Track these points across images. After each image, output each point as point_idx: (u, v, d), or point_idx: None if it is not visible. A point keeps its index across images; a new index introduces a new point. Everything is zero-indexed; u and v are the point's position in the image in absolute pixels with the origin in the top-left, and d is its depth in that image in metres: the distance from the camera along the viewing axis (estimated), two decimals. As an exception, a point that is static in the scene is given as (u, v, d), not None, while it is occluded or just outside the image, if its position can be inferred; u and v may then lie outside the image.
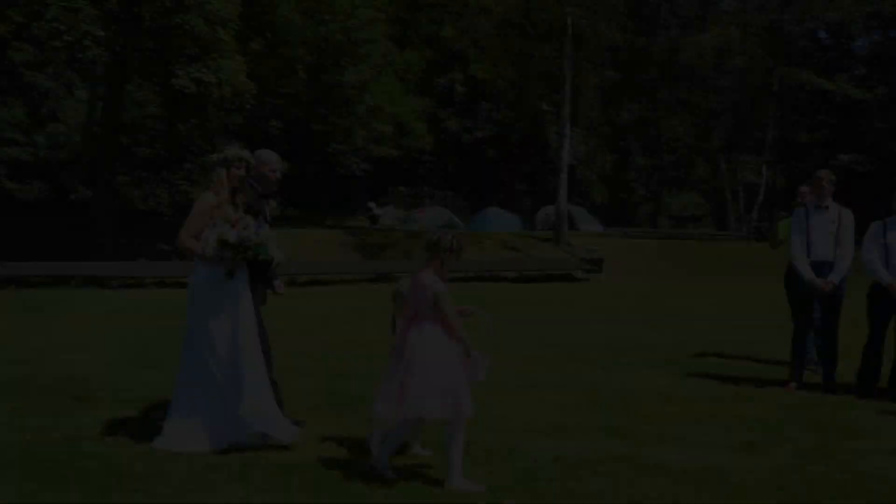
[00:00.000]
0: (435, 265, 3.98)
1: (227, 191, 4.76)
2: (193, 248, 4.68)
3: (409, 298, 4.07)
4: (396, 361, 3.97)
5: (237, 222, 4.63)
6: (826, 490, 3.94)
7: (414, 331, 3.95)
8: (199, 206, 4.74)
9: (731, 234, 32.93)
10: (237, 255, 4.60)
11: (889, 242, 6.37)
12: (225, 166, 4.77)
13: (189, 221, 4.76)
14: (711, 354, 8.41)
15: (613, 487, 3.92)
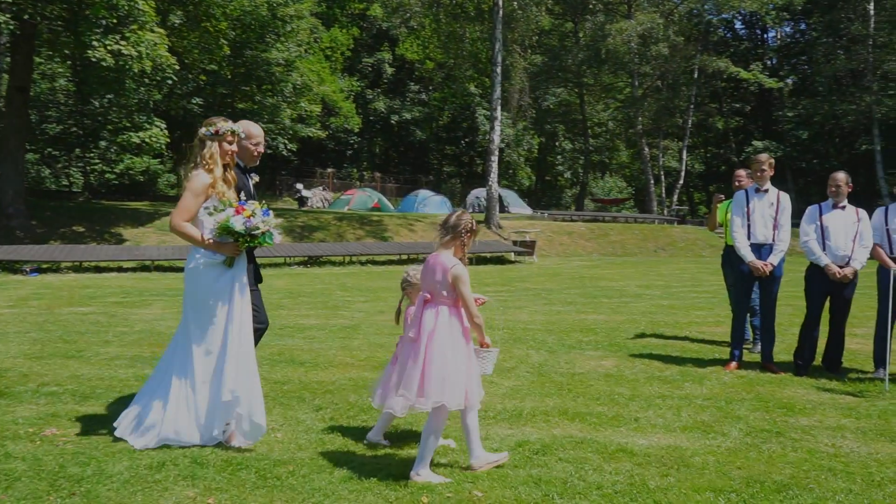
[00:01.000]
0: (456, 247, 3.87)
1: (220, 168, 4.43)
2: (190, 233, 4.31)
3: (423, 280, 3.91)
4: (410, 348, 3.81)
5: (241, 207, 4.29)
6: (783, 469, 4.00)
7: (428, 315, 3.79)
8: (193, 185, 4.36)
9: (654, 218, 33.82)
10: (243, 243, 4.32)
11: (825, 225, 6.56)
12: (217, 140, 4.43)
13: (182, 203, 4.39)
14: (650, 335, 8.55)
15: (580, 473, 3.86)
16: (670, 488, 3.66)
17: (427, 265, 3.93)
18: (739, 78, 39.82)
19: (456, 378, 3.69)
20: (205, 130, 4.44)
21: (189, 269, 4.42)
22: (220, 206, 4.35)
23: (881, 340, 6.57)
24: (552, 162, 50.91)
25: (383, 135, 44.73)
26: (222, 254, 4.33)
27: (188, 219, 4.34)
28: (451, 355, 3.72)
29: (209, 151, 4.39)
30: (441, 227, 3.94)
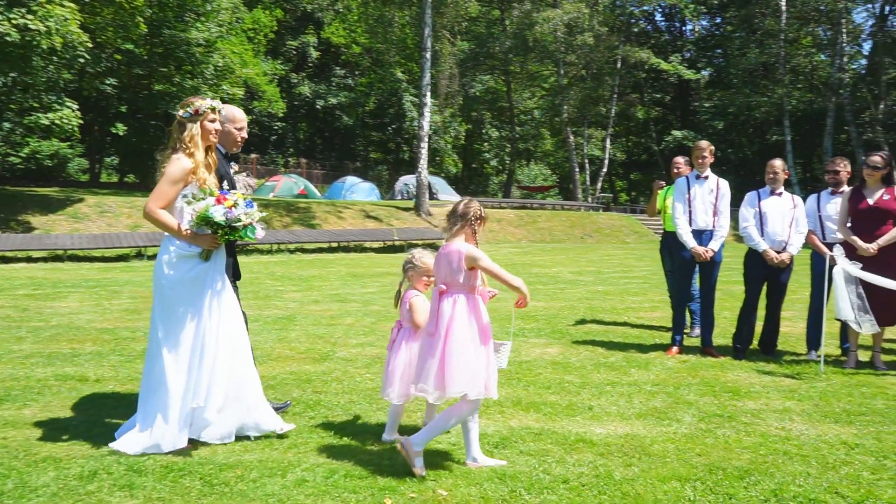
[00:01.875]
0: (466, 234, 3.79)
1: (202, 152, 4.09)
2: (165, 221, 3.98)
3: (437, 272, 3.80)
4: (428, 342, 3.69)
5: (223, 197, 3.95)
6: (741, 454, 4.01)
7: (445, 306, 3.68)
8: (172, 170, 4.02)
9: (579, 205, 34.41)
10: (222, 235, 3.99)
11: (763, 211, 6.69)
12: (197, 121, 4.08)
13: (158, 189, 4.03)
14: (591, 321, 8.58)
15: (543, 466, 3.75)
16: (636, 479, 3.60)
17: (440, 256, 3.81)
18: (660, 69, 40.93)
19: (477, 366, 3.61)
20: (182, 112, 4.11)
21: (161, 261, 4.07)
22: (199, 195, 4.01)
23: (815, 324, 6.76)
24: (479, 149, 51.10)
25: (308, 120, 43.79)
26: (198, 246, 4.01)
27: (164, 206, 3.99)
28: (471, 344, 3.63)
29: (189, 134, 4.04)
30: (449, 217, 3.85)
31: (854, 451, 4.10)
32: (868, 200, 6.35)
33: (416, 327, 4.10)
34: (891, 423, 4.65)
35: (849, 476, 3.69)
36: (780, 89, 35.18)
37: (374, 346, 6.93)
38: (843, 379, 5.85)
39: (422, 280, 4.19)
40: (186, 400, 3.90)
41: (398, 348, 4.15)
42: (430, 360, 3.62)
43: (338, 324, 8.14)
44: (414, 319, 4.12)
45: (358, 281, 12.56)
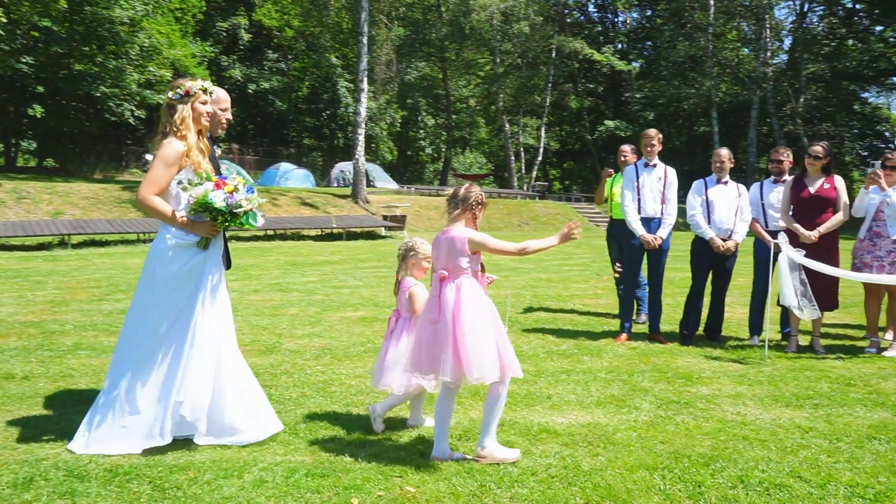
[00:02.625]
0: (466, 219, 3.72)
1: (194, 134, 3.85)
2: (160, 208, 3.75)
3: (436, 258, 3.73)
4: (432, 330, 3.59)
5: (221, 181, 3.70)
6: (703, 441, 4.02)
7: (448, 291, 3.60)
8: (164, 154, 3.76)
9: (516, 193, 34.66)
10: (222, 222, 3.74)
11: (711, 199, 6.78)
12: (188, 102, 3.86)
13: (152, 174, 3.79)
14: (538, 309, 8.58)
15: (509, 458, 3.67)
16: (604, 469, 3.55)
17: (438, 241, 3.73)
18: (593, 60, 41.54)
19: (490, 351, 3.53)
20: (172, 94, 3.88)
21: (155, 250, 3.82)
22: (195, 180, 3.76)
23: (757, 310, 6.93)
24: (414, 137, 50.84)
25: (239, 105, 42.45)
26: (196, 234, 3.79)
27: (158, 192, 3.77)
28: (481, 328, 3.54)
29: (180, 116, 3.82)
30: (450, 202, 3.77)
31: (808, 434, 4.17)
32: (809, 189, 6.52)
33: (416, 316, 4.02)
34: (838, 405, 4.77)
35: (808, 460, 3.74)
36: (708, 82, 36.23)
37: (321, 336, 6.72)
38: (788, 363, 6.00)
39: (421, 267, 4.12)
40: (174, 395, 3.68)
41: (398, 338, 4.03)
42: (441, 350, 3.52)
43: (281, 314, 7.87)
44: (415, 308, 4.02)
45: (298, 269, 12.24)
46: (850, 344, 6.92)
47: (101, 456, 3.57)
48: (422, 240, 4.20)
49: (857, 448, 3.93)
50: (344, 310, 8.22)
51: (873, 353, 6.42)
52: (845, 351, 6.54)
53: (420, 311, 3.96)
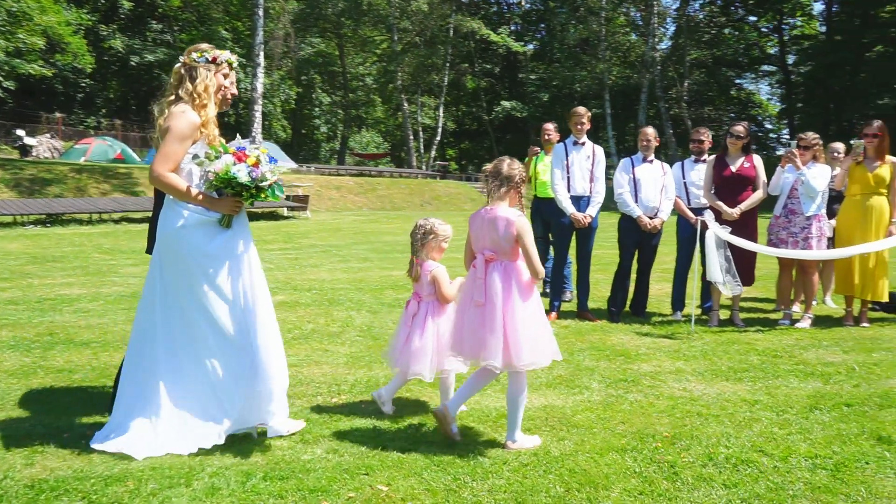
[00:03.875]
0: (511, 199, 3.61)
1: (214, 107, 3.51)
2: (177, 186, 3.39)
3: (481, 237, 3.58)
4: (477, 313, 3.47)
5: (242, 154, 3.35)
6: (660, 419, 4.01)
7: (495, 273, 3.49)
8: (179, 125, 3.37)
9: (417, 173, 34.48)
10: (248, 197, 3.41)
11: (637, 178, 6.85)
12: (212, 70, 3.51)
13: (165, 148, 3.36)
14: (462, 289, 8.45)
15: (469, 446, 3.50)
16: (574, 453, 3.45)
17: (484, 220, 3.57)
18: (489, 40, 41.76)
19: (542, 335, 3.49)
20: (197, 56, 3.49)
21: (174, 230, 3.41)
22: (211, 153, 3.38)
23: (680, 286, 7.09)
24: (309, 115, 49.53)
25: (121, 78, 39.91)
26: (217, 211, 3.45)
27: (173, 168, 3.39)
28: (531, 314, 3.48)
29: (203, 83, 3.45)
30: (493, 178, 3.61)
31: (755, 407, 4.25)
32: (731, 168, 6.69)
33: (444, 300, 3.91)
34: (772, 377, 4.91)
35: (763, 433, 3.80)
36: (601, 65, 37.25)
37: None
38: (714, 337, 6.16)
39: (440, 249, 4.03)
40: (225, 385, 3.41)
41: (423, 324, 3.88)
42: (489, 334, 3.40)
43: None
44: (442, 292, 3.90)
45: (201, 253, 11.54)
46: (764, 317, 7.22)
47: (25, 467, 3.12)
48: (439, 220, 4.07)
49: (804, 419, 4.04)
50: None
51: (787, 325, 6.71)
52: (762, 324, 6.81)
53: (447, 294, 3.89)
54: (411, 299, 4.03)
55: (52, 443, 3.41)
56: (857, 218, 6.70)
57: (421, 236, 4.00)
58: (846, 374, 5.01)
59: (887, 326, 6.71)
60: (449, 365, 3.85)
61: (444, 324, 3.88)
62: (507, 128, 47.19)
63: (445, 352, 3.80)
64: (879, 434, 3.78)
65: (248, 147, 3.44)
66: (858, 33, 35.65)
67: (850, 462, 3.40)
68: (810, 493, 3.07)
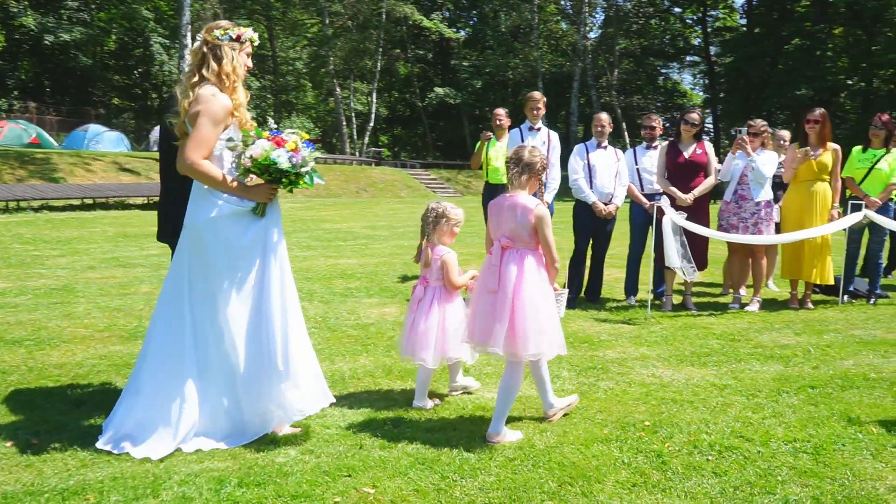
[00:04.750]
0: (531, 186, 3.59)
1: (244, 88, 3.34)
2: (213, 174, 3.18)
3: (499, 224, 3.54)
4: (489, 300, 3.41)
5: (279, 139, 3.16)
6: (637, 406, 3.97)
7: (511, 263, 3.43)
8: (212, 109, 3.15)
9: (351, 159, 33.97)
10: (286, 184, 3.23)
11: (592, 164, 6.82)
12: (237, 49, 3.29)
13: (199, 133, 3.14)
14: (413, 277, 8.29)
15: (458, 443, 3.37)
16: (559, 445, 3.37)
17: (500, 207, 3.56)
18: (422, 26, 41.41)
19: (551, 326, 3.43)
20: (220, 34, 3.26)
21: (207, 221, 3.20)
22: (246, 138, 3.20)
23: (634, 272, 7.13)
24: (237, 99, 48.10)
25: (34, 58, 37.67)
26: (252, 199, 3.26)
27: (206, 155, 3.18)
28: (542, 305, 3.41)
29: (230, 63, 3.24)
30: (514, 166, 3.57)
31: (725, 391, 4.27)
32: (684, 154, 6.74)
33: (451, 286, 3.84)
34: (734, 361, 4.97)
35: (739, 418, 3.81)
36: (535, 52, 37.50)
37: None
38: (671, 322, 6.21)
39: (452, 233, 3.95)
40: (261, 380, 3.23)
41: (429, 309, 3.80)
42: (496, 322, 3.34)
43: (132, 293, 6.94)
44: (449, 278, 3.83)
45: (134, 242, 10.98)
46: (714, 301, 7.35)
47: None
48: (451, 204, 3.99)
49: (774, 402, 4.07)
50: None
51: (737, 308, 6.84)
52: (713, 308, 6.92)
53: (454, 281, 3.83)
54: (418, 284, 3.95)
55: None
56: (802, 204, 6.87)
57: (433, 220, 3.92)
58: (803, 356, 5.12)
59: (830, 308, 6.93)
60: (455, 353, 3.77)
61: (451, 311, 3.81)
62: (440, 114, 47.01)
63: (453, 339, 3.73)
64: (848, 415, 3.84)
65: (284, 132, 3.25)
66: (776, 26, 37.04)
67: (828, 444, 3.44)
68: (798, 477, 3.07)
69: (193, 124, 3.16)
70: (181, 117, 3.22)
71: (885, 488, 2.97)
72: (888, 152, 7.13)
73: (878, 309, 6.93)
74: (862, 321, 6.34)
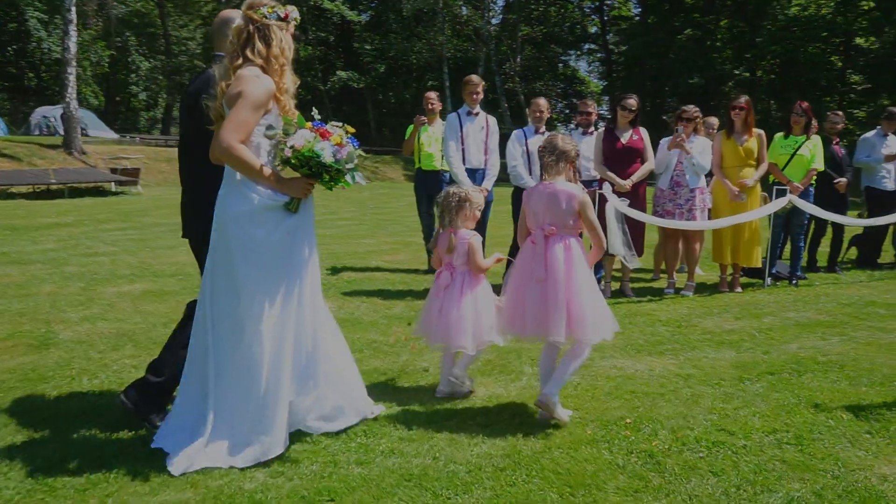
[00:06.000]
0: (567, 173, 3.62)
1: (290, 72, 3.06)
2: (249, 161, 2.90)
3: (542, 212, 3.55)
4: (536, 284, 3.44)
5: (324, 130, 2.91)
6: (609, 402, 3.86)
7: (557, 250, 3.47)
8: (256, 92, 2.88)
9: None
10: (327, 180, 2.99)
11: (530, 150, 6.69)
12: (284, 30, 3.03)
13: (237, 115, 2.86)
14: (342, 269, 7.93)
15: (441, 454, 3.12)
16: (546, 450, 3.18)
17: (540, 195, 3.58)
18: (323, 7, 40.34)
19: (605, 310, 3.54)
20: (267, 12, 2.97)
21: (237, 212, 2.94)
22: (288, 127, 2.93)
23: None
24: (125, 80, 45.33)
25: None
26: (286, 194, 3.01)
27: (244, 140, 2.91)
28: (591, 288, 3.50)
29: (279, 46, 2.98)
30: (549, 154, 3.62)
31: (690, 381, 4.23)
32: (622, 140, 6.71)
33: (478, 270, 3.80)
34: (689, 349, 4.96)
35: (714, 410, 3.75)
36: (440, 37, 37.30)
37: (105, 319, 5.40)
38: (613, 309, 5.89)
39: (474, 217, 3.90)
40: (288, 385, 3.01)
41: (459, 295, 3.72)
42: (553, 310, 3.37)
43: (33, 293, 6.25)
44: (476, 262, 3.78)
45: (23, 235, 9.99)
46: (647, 286, 7.41)
47: None
48: (473, 187, 3.94)
49: (741, 391, 4.06)
50: (116, 282, 6.78)
51: (671, 293, 6.91)
52: (649, 293, 6.96)
53: (481, 264, 3.77)
54: (443, 270, 3.86)
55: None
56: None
57: (456, 204, 3.85)
58: (750, 340, 5.18)
59: (757, 291, 7.13)
60: (489, 337, 3.70)
61: (482, 294, 3.77)
62: (343, 98, 46.07)
63: (486, 323, 3.69)
64: (813, 402, 3.87)
65: (329, 124, 2.97)
66: (669, 16, 38.46)
67: (806, 434, 3.42)
68: (792, 472, 3.01)
69: (232, 106, 2.87)
70: (218, 99, 2.96)
71: (877, 478, 2.96)
72: (808, 139, 7.39)
73: (800, 290, 7.18)
74: (791, 303, 6.53)
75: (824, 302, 6.61)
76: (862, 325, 5.71)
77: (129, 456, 3.01)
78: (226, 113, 2.92)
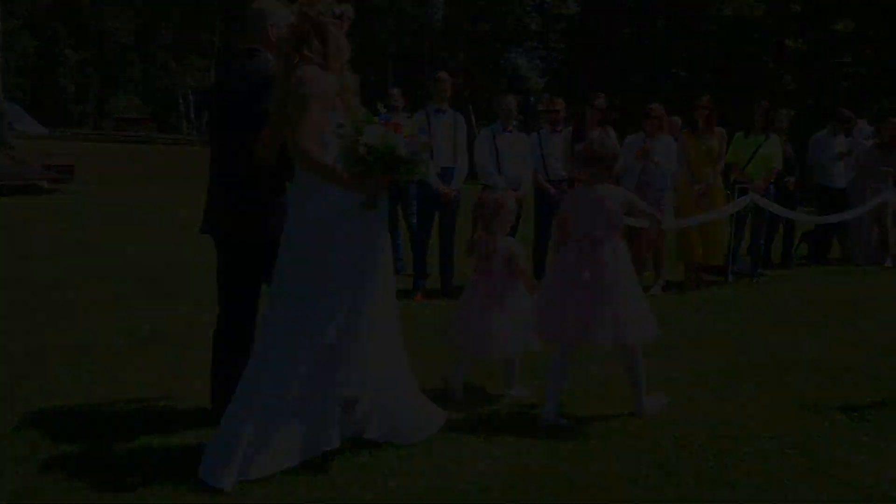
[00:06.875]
0: (606, 177, 3.65)
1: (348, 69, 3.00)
2: (326, 164, 2.81)
3: (589, 220, 3.55)
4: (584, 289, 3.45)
5: (394, 123, 2.78)
6: (596, 407, 3.77)
7: (607, 252, 3.51)
8: (324, 92, 2.82)
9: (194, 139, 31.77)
10: (403, 173, 2.87)
11: (499, 148, 6.58)
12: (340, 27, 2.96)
13: (310, 118, 2.77)
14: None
15: (447, 470, 2.97)
16: (552, 464, 3.06)
17: (583, 201, 3.61)
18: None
19: (649, 308, 3.64)
20: (323, 9, 2.89)
21: (320, 217, 2.89)
22: (358, 125, 2.81)
23: (541, 260, 7.00)
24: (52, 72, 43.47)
25: None
26: (363, 192, 2.89)
27: (318, 142, 2.83)
28: (637, 290, 3.63)
29: (336, 43, 2.91)
30: (587, 161, 3.64)
31: (678, 382, 4.19)
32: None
33: (522, 275, 3.82)
34: (668, 347, 4.74)
35: (709, 413, 3.71)
36: (384, 33, 36.98)
37: (62, 331, 5.02)
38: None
39: (510, 222, 3.91)
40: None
41: (501, 301, 3.75)
42: (603, 314, 3.41)
43: None
44: (519, 266, 3.81)
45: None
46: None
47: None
48: (508, 192, 4.03)
49: (731, 394, 4.03)
50: (67, 290, 6.35)
51: (640, 293, 6.91)
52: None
53: (525, 270, 3.86)
54: (479, 277, 3.85)
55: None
56: (694, 188, 7.06)
57: (492, 210, 3.82)
58: (727, 340, 5.21)
59: (723, 287, 7.22)
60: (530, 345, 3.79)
61: (524, 299, 3.79)
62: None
63: (525, 330, 3.72)
64: (804, 402, 3.88)
65: (395, 117, 2.85)
66: (608, 15, 39.04)
67: (807, 439, 3.40)
68: (806, 480, 2.97)
69: (300, 109, 2.75)
70: (279, 101, 2.86)
71: (888, 483, 2.95)
72: (768, 139, 7.51)
73: (762, 287, 7.31)
74: (757, 300, 6.63)
75: (787, 299, 6.73)
76: (827, 322, 5.83)
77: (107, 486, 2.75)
78: (291, 116, 2.81)
